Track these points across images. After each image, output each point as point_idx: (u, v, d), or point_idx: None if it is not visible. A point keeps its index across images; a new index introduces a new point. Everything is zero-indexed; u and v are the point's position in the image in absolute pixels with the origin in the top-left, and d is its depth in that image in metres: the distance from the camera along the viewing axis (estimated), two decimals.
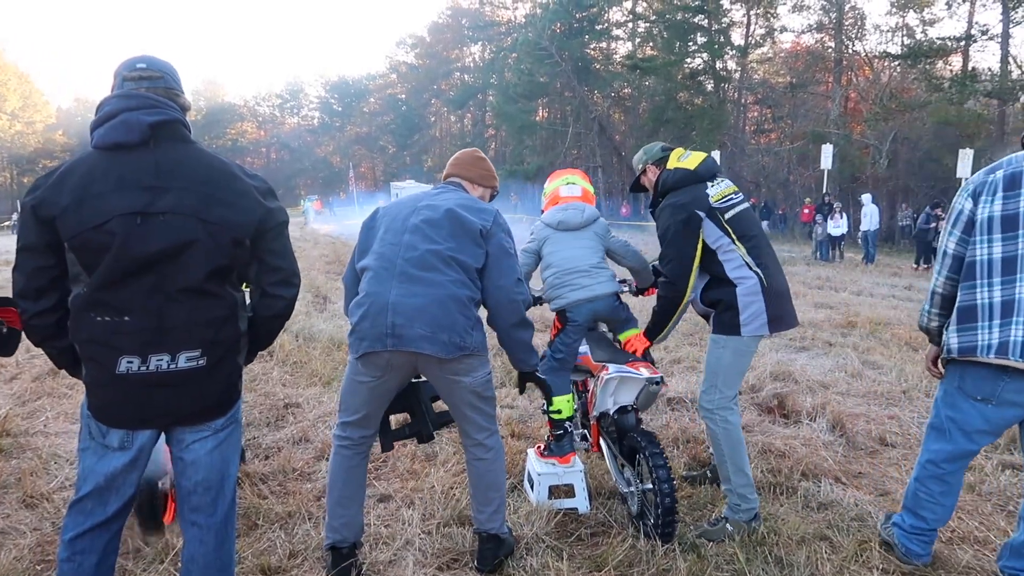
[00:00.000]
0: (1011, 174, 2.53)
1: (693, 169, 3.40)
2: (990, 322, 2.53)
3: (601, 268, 3.64)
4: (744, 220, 3.35)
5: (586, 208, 3.73)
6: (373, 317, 2.68)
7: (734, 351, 3.32)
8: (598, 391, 3.50)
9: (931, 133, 30.94)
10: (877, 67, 35.28)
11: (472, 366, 2.79)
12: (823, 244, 20.55)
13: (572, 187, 3.84)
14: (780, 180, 38.61)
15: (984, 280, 2.56)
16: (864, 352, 7.33)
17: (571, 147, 47.99)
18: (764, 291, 3.25)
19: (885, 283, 14.38)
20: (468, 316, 2.72)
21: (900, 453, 4.43)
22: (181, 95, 2.29)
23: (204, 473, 2.25)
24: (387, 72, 76.55)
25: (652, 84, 40.44)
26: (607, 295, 3.61)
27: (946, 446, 2.75)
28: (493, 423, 2.99)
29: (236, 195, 2.16)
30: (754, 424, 4.87)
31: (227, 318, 2.19)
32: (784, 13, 38.78)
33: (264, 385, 5.80)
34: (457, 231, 2.78)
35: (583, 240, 3.66)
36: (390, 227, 2.87)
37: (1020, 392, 2.53)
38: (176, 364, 2.10)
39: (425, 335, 2.63)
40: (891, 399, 5.61)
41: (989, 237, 2.55)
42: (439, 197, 2.95)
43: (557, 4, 45.44)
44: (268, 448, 4.40)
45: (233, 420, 2.30)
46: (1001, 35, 30.07)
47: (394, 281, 2.71)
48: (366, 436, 2.96)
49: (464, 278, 2.74)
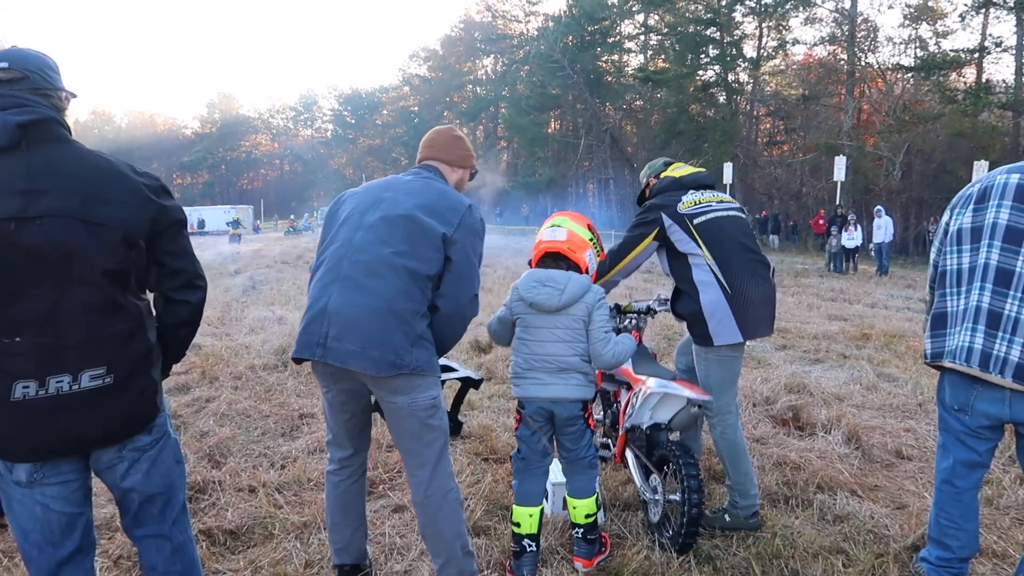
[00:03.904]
0: (984, 188, 2.62)
1: (677, 177, 3.64)
2: (955, 329, 2.62)
3: (572, 369, 3.01)
4: (715, 228, 3.43)
5: (568, 285, 2.99)
6: (309, 323, 2.53)
7: (717, 361, 3.46)
8: (637, 403, 3.39)
9: (945, 145, 30.85)
10: (890, 79, 35.20)
11: (411, 386, 2.51)
12: (837, 256, 20.44)
13: (556, 231, 3.17)
14: (793, 192, 38.54)
15: (953, 288, 2.66)
16: (879, 364, 7.28)
17: (583, 159, 48.16)
18: (729, 299, 3.33)
19: (899, 295, 14.29)
20: (407, 332, 2.47)
21: (916, 466, 4.40)
22: (56, 92, 2.07)
23: (146, 494, 2.16)
24: (400, 85, 77.10)
25: (664, 96, 40.56)
26: (570, 400, 3.02)
27: (947, 460, 2.76)
28: (443, 462, 2.66)
29: (124, 193, 1.99)
30: (768, 436, 4.85)
31: (133, 330, 2.03)
32: (796, 25, 39.10)
33: (279, 396, 5.83)
34: (414, 234, 2.56)
35: (558, 330, 3.01)
36: (348, 219, 2.68)
37: (992, 402, 2.56)
38: (79, 384, 1.92)
39: (354, 350, 2.43)
40: (907, 412, 5.57)
41: (959, 248, 2.65)
42: (407, 187, 2.74)
43: (569, 17, 45.77)
44: (284, 458, 4.42)
45: (162, 434, 2.18)
46: (1015, 47, 30.00)
47: (336, 286, 2.53)
48: (345, 458, 2.81)
49: (411, 288, 2.50)
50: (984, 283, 2.54)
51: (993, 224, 2.54)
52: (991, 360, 2.49)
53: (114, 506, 3.53)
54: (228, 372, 6.60)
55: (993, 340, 2.49)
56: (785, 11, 36.47)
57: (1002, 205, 2.54)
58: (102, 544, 3.24)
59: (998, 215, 2.54)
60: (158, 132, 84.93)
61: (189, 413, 5.36)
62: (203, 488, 3.89)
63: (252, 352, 7.50)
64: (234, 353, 7.42)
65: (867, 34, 35.27)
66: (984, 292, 2.53)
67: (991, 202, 2.57)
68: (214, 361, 6.91)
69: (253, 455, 4.47)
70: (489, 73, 65.26)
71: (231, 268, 19.15)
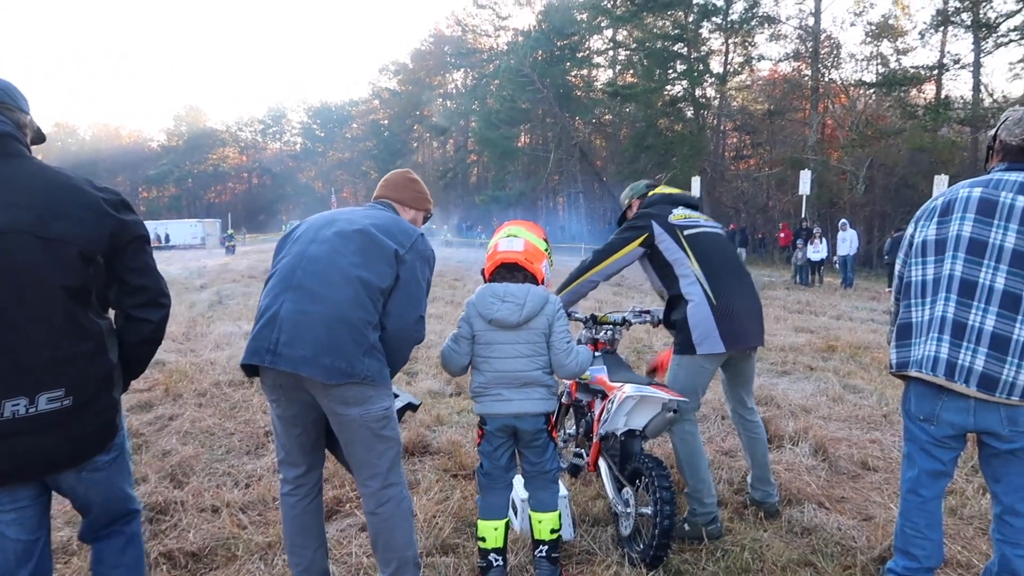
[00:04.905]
0: (947, 201, 2.68)
1: (668, 193, 3.81)
2: (920, 339, 2.65)
3: (535, 383, 2.99)
4: (705, 241, 3.58)
5: (527, 299, 2.96)
6: (260, 330, 2.50)
7: (688, 368, 3.54)
8: (612, 409, 3.36)
9: (906, 159, 31.54)
10: (853, 95, 35.97)
11: (363, 396, 2.49)
12: (803, 269, 20.73)
13: (513, 240, 3.11)
14: (759, 205, 39.10)
15: (918, 299, 2.70)
16: (845, 376, 7.37)
17: (553, 172, 48.39)
18: (714, 309, 3.42)
19: (864, 307, 14.52)
20: (359, 341, 2.45)
21: (882, 477, 4.45)
22: (16, 111, 2.06)
23: (104, 507, 2.16)
24: (370, 98, 77.06)
25: (633, 111, 40.97)
26: (533, 414, 3.00)
27: (912, 470, 2.79)
28: (394, 472, 2.65)
29: (80, 208, 1.95)
30: (737, 449, 4.87)
31: (95, 350, 1.98)
32: (762, 42, 39.77)
33: (244, 412, 5.73)
34: (368, 247, 2.58)
35: (519, 345, 2.97)
36: (303, 236, 2.70)
37: (957, 411, 2.58)
38: (36, 407, 1.87)
39: (306, 356, 2.39)
40: (872, 423, 5.64)
41: (923, 259, 2.70)
42: (361, 213, 2.78)
43: (538, 32, 46.12)
44: (248, 476, 4.33)
45: (119, 451, 2.17)
46: (973, 64, 30.84)
47: (288, 293, 2.51)
48: (300, 476, 2.73)
49: (364, 298, 2.50)
50: (949, 294, 2.58)
51: (957, 236, 2.59)
52: (956, 369, 2.52)
53: (71, 529, 3.46)
54: (192, 389, 6.48)
55: (958, 350, 2.53)
56: (751, 28, 37.11)
57: (965, 218, 2.59)
58: (59, 568, 3.14)
59: (961, 227, 2.59)
60: (123, 145, 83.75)
61: (151, 432, 5.24)
62: (164, 509, 3.80)
63: (217, 368, 7.38)
64: (199, 369, 7.29)
65: (830, 51, 36.01)
66: (949, 303, 2.57)
67: (955, 215, 2.62)
68: (178, 378, 6.79)
69: (217, 474, 4.38)
70: (459, 87, 65.42)
71: (197, 283, 18.88)
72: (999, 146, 2.69)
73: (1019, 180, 2.55)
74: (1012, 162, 2.63)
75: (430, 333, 9.22)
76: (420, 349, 7.46)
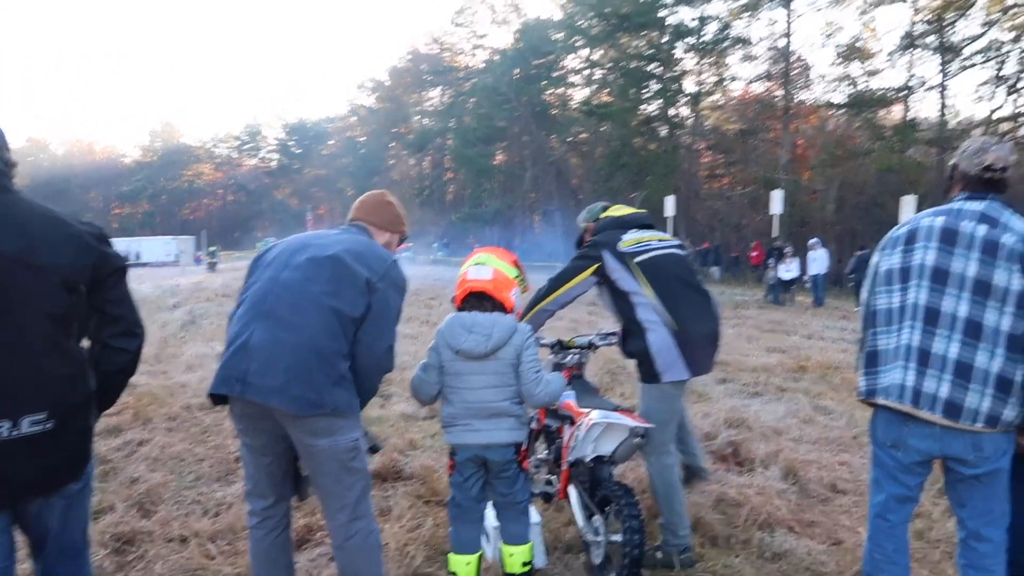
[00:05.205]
0: (911, 230, 2.74)
1: (618, 216, 3.79)
2: (887, 366, 2.70)
3: (503, 413, 2.98)
4: (658, 266, 3.55)
5: (494, 330, 2.95)
6: (229, 358, 2.50)
7: (657, 397, 3.53)
8: (580, 435, 3.37)
9: (876, 179, 32.11)
10: (823, 115, 36.60)
11: (332, 428, 2.48)
12: (775, 288, 20.93)
13: (481, 268, 3.08)
14: (733, 224, 39.47)
15: (884, 327, 2.74)
16: (815, 397, 7.46)
17: (529, 190, 48.57)
18: (675, 335, 3.42)
19: (835, 326, 14.70)
20: (330, 371, 2.45)
21: (851, 500, 4.50)
22: (3, 148, 2.12)
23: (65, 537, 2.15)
24: (346, 115, 76.82)
25: (608, 129, 41.23)
26: (502, 445, 2.99)
27: (880, 495, 2.83)
28: (362, 505, 2.64)
29: (66, 239, 2.05)
30: (709, 473, 4.90)
31: (76, 376, 2.05)
32: (734, 63, 40.12)
33: (216, 437, 5.66)
34: (340, 276, 2.56)
35: (487, 376, 2.96)
36: (274, 262, 2.68)
37: (924, 438, 2.63)
38: (19, 430, 1.90)
39: (275, 387, 2.38)
40: (842, 445, 5.70)
41: (889, 288, 2.75)
42: (334, 237, 2.77)
43: (515, 51, 46.45)
44: (218, 505, 4.28)
45: (87, 480, 2.19)
46: (939, 86, 31.57)
47: (259, 321, 2.50)
48: (268, 507, 2.70)
49: (336, 328, 2.49)
50: (914, 322, 2.63)
51: (921, 265, 2.65)
52: (922, 397, 2.57)
53: None
54: (163, 413, 6.40)
55: (923, 377, 2.58)
56: (723, 49, 37.62)
57: (929, 247, 2.65)
58: None
59: (925, 256, 2.65)
60: (96, 161, 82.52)
61: (119, 458, 5.16)
62: (131, 539, 3.75)
63: (189, 391, 7.29)
64: (170, 392, 7.21)
65: (801, 72, 36.67)
66: (914, 330, 2.62)
67: (919, 243, 2.68)
68: (148, 401, 6.70)
69: (186, 502, 4.33)
70: (436, 104, 65.49)
71: (170, 301, 18.65)
72: (959, 175, 2.76)
73: (979, 209, 2.62)
74: (972, 191, 2.70)
75: (404, 354, 9.13)
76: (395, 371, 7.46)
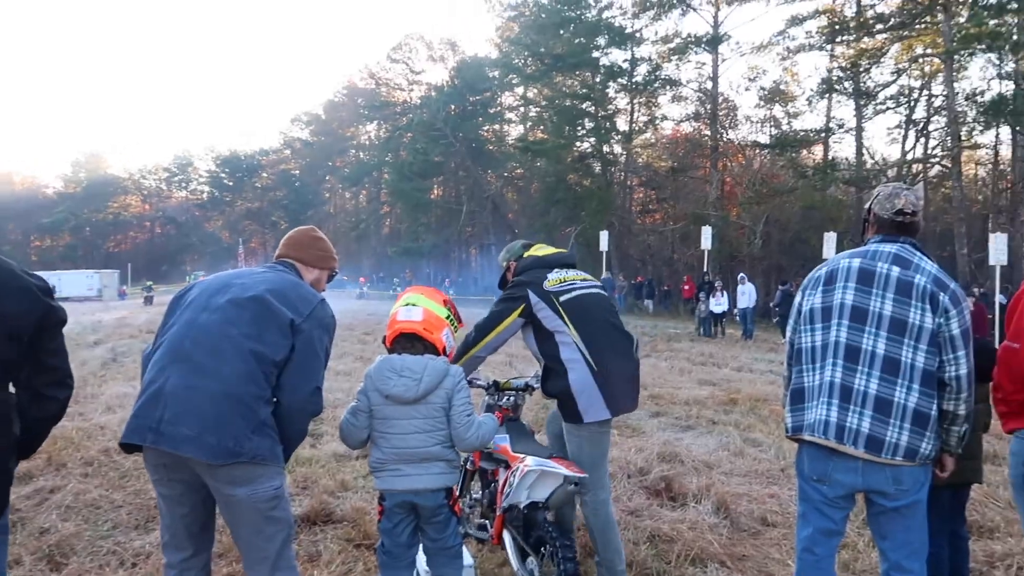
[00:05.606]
0: (831, 271, 2.86)
1: (541, 256, 3.76)
2: (812, 403, 2.78)
3: (434, 458, 2.93)
4: (581, 306, 3.53)
5: (424, 374, 2.90)
6: (143, 406, 2.39)
7: (587, 438, 3.51)
8: (514, 482, 3.32)
9: (799, 216, 33.43)
10: (749, 154, 38.08)
11: (251, 476, 2.37)
12: (706, 321, 21.44)
13: (411, 310, 3.03)
14: (665, 258, 40.44)
15: (808, 365, 2.83)
16: (745, 429, 7.62)
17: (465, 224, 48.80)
18: (595, 375, 3.41)
19: (763, 359, 15.10)
20: (249, 418, 2.36)
21: (780, 533, 4.58)
22: None
23: None
24: (281, 148, 76.07)
25: (543, 165, 41.88)
26: (432, 490, 2.93)
27: (807, 529, 2.89)
28: (284, 557, 2.53)
29: (15, 291, 2.11)
30: (643, 508, 4.93)
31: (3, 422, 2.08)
32: (664, 103, 41.50)
33: (135, 482, 5.41)
34: (262, 317, 2.48)
35: (417, 420, 2.90)
36: (194, 302, 2.58)
37: (847, 472, 2.71)
38: None
39: (190, 436, 2.29)
40: (771, 477, 5.82)
41: (811, 326, 2.85)
42: (259, 276, 2.68)
43: (451, 87, 46.95)
44: (136, 555, 4.08)
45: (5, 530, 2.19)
46: (855, 128, 33.24)
47: (175, 367, 2.40)
48: (186, 559, 2.57)
49: (256, 372, 2.40)
50: (836, 359, 2.72)
51: (841, 304, 2.76)
52: (845, 432, 2.65)
53: None
54: (78, 457, 6.08)
55: (846, 413, 2.66)
56: (654, 89, 38.88)
57: (847, 287, 2.76)
58: None
59: (844, 296, 2.76)
60: (15, 191, 79.25)
61: (29, 507, 4.87)
62: None
63: (108, 434, 6.96)
64: (87, 435, 6.86)
65: (727, 112, 38.16)
66: (836, 368, 2.71)
67: (838, 283, 2.79)
68: (63, 445, 6.36)
69: (100, 553, 4.11)
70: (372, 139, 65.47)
71: (91, 338, 17.91)
72: (873, 219, 2.90)
73: (893, 251, 2.76)
74: (886, 234, 2.84)
75: (337, 391, 9.02)
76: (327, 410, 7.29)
